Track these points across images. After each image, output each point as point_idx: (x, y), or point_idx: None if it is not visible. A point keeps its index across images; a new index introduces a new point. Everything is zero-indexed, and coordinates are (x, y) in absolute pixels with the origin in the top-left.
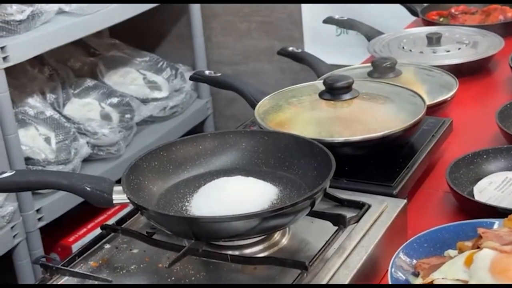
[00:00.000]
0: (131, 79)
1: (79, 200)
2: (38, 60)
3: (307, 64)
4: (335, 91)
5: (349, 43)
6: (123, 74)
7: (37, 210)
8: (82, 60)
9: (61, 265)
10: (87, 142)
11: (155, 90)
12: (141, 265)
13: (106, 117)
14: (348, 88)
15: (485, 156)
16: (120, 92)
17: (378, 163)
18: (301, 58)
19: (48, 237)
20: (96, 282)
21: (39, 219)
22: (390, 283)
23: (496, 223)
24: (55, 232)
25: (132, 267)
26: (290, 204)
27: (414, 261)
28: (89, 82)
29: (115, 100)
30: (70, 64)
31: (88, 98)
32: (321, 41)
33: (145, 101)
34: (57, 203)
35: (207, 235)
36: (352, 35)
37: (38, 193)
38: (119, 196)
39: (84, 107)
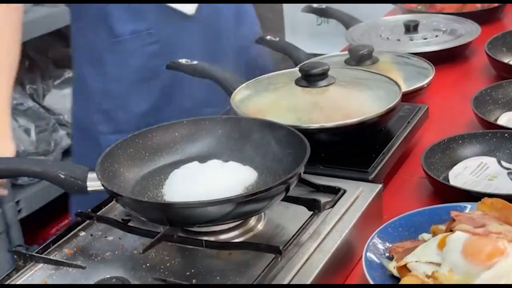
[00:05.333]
0: None
1: (60, 191)
2: None
3: (285, 53)
4: (311, 78)
5: (329, 33)
6: None
7: (17, 202)
8: (62, 51)
9: (35, 253)
10: (68, 134)
11: None
12: (116, 252)
13: None
14: (324, 74)
15: (460, 141)
16: None
17: (354, 149)
18: (279, 47)
19: (29, 229)
20: (71, 269)
21: (19, 211)
22: (364, 266)
23: (469, 207)
24: (37, 224)
25: (107, 254)
26: (265, 189)
27: (389, 245)
28: (70, 73)
29: None
30: (50, 55)
31: (68, 89)
32: (301, 30)
33: None
34: (36, 195)
35: (181, 221)
36: (332, 25)
37: (17, 185)
38: (93, 183)
39: (65, 98)
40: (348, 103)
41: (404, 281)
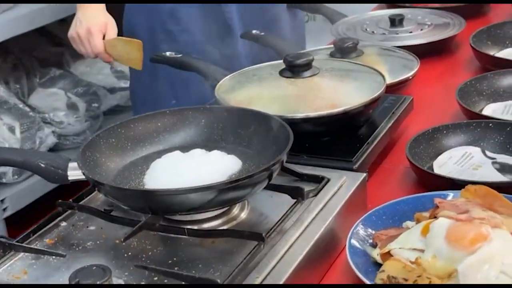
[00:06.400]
0: (98, 68)
1: (46, 190)
2: (2, 50)
3: (271, 47)
4: (295, 68)
5: (316, 30)
6: (90, 64)
7: (2, 201)
8: (47, 49)
9: (15, 242)
10: (53, 132)
11: (122, 79)
12: (98, 242)
13: (72, 106)
14: (308, 65)
15: (445, 132)
16: (86, 82)
17: (338, 139)
18: (264, 41)
19: (15, 228)
20: (51, 259)
21: (4, 210)
22: (348, 254)
23: (452, 195)
24: (22, 223)
25: (89, 243)
26: (247, 176)
27: (373, 232)
28: (55, 72)
29: (81, 89)
30: (35, 54)
31: (54, 88)
32: None
33: (112, 90)
34: (22, 193)
35: (163, 209)
36: (320, 22)
37: (2, 183)
38: (74, 172)
39: (50, 97)
40: (332, 93)
41: (387, 265)
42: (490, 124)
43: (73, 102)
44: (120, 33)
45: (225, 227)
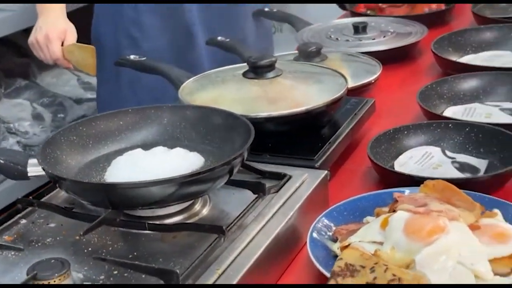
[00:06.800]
0: (65, 80)
1: (22, 193)
2: None
3: (236, 53)
4: (258, 69)
5: (284, 41)
6: (57, 75)
7: None
8: (13, 60)
9: None
10: (18, 142)
11: (89, 90)
12: (58, 238)
13: (38, 117)
14: (271, 66)
15: (405, 132)
16: (52, 93)
17: (301, 139)
18: (229, 48)
19: None
20: (10, 254)
21: None
22: (308, 247)
23: (408, 191)
24: None
25: (48, 239)
26: (208, 169)
27: (334, 227)
28: (21, 83)
29: (47, 100)
30: (0, 65)
31: (19, 99)
32: None
33: (78, 101)
34: None
35: (124, 203)
36: (286, 33)
37: None
38: (34, 168)
39: (15, 107)
40: (295, 94)
41: (344, 253)
42: (450, 125)
43: (39, 113)
44: (88, 42)
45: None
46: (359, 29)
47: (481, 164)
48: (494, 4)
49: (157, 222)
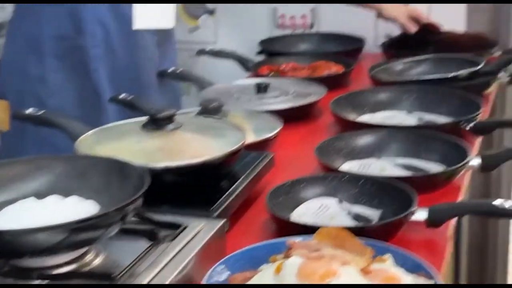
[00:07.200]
0: None
1: None
2: None
3: (138, 109)
4: (158, 121)
5: (193, 104)
6: None
7: None
8: None
9: None
10: None
11: None
12: None
13: None
14: (170, 118)
15: (303, 184)
16: None
17: (200, 190)
18: (132, 104)
19: None
20: None
21: None
22: None
23: (301, 239)
24: None
25: None
26: (99, 215)
27: (230, 275)
28: None
29: None
30: None
31: None
32: None
33: None
34: None
35: (9, 251)
36: (194, 97)
37: None
38: None
39: None
40: (193, 146)
41: None
42: (346, 177)
43: None
44: None
45: None
46: (261, 89)
47: (374, 214)
48: (389, 68)
49: (47, 273)
